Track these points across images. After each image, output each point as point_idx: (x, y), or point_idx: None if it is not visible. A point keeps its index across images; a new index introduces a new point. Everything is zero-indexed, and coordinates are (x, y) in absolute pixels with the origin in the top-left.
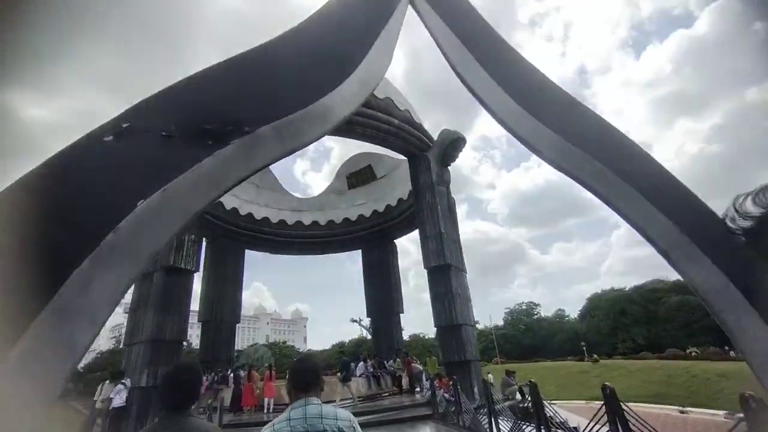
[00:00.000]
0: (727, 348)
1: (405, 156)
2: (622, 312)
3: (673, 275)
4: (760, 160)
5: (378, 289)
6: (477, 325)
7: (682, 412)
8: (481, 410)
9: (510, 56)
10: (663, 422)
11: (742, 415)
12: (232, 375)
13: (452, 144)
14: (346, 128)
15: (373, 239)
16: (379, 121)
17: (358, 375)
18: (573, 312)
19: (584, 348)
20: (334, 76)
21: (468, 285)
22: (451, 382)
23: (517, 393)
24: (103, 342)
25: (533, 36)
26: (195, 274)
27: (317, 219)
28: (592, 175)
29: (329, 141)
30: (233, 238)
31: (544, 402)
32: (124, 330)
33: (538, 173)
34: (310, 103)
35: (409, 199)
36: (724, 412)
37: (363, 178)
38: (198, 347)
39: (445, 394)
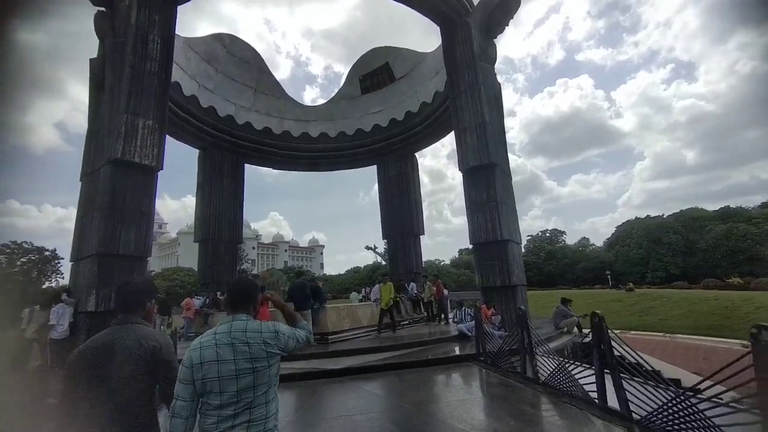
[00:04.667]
0: None
1: (437, 23)
2: (658, 241)
3: (711, 206)
4: None
5: (395, 208)
6: None
7: (746, 346)
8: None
9: None
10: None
11: None
12: None
13: (501, 5)
14: None
15: (389, 152)
16: None
17: (372, 300)
18: (597, 242)
19: (609, 276)
20: None
21: (514, 194)
22: (492, 313)
23: (575, 327)
24: None
25: None
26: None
27: (326, 130)
28: None
29: (338, 65)
30: (230, 150)
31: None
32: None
33: (564, 99)
34: None
35: (434, 102)
36: None
37: (379, 80)
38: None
39: (491, 329)
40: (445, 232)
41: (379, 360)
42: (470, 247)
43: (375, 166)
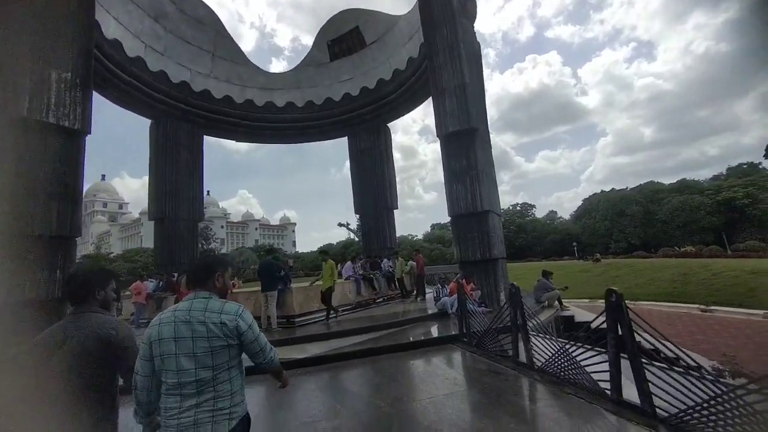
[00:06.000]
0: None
1: None
2: (621, 213)
3: (664, 180)
4: (760, 62)
5: (368, 182)
6: None
7: (704, 310)
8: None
9: None
10: (687, 323)
11: None
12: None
13: None
14: None
15: (361, 123)
16: None
17: (344, 278)
18: (564, 214)
19: (575, 248)
20: None
21: (494, 163)
22: (472, 288)
23: (556, 300)
24: None
25: None
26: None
27: (293, 99)
28: None
29: (306, 37)
30: (186, 119)
31: None
32: None
33: (533, 75)
34: None
35: (407, 69)
36: (765, 311)
37: (349, 45)
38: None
39: (474, 306)
40: (417, 207)
41: (351, 345)
42: (441, 222)
43: (346, 139)
